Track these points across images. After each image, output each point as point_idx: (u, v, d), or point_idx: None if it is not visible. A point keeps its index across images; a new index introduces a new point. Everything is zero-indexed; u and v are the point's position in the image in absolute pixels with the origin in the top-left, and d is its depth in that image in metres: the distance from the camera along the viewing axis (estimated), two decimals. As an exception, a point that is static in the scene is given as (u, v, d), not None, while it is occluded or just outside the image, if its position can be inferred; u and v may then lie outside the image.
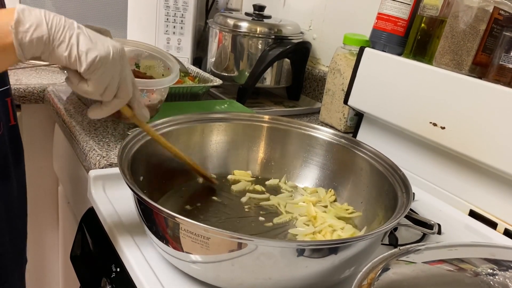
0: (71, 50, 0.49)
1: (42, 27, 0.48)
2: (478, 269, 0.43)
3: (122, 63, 0.53)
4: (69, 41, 0.49)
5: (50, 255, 1.33)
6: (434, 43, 0.85)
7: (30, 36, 0.47)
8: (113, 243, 0.62)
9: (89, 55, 0.49)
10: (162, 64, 0.89)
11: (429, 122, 0.80)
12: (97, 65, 0.50)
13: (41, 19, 0.48)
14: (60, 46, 0.48)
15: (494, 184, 0.74)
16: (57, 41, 0.48)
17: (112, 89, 0.53)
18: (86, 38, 0.50)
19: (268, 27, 1.17)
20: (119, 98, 0.55)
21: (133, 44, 0.88)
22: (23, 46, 0.47)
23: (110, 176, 0.72)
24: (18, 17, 0.47)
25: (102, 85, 0.52)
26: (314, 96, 1.29)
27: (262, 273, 0.49)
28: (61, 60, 0.49)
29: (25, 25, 0.47)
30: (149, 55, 0.87)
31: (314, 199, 0.71)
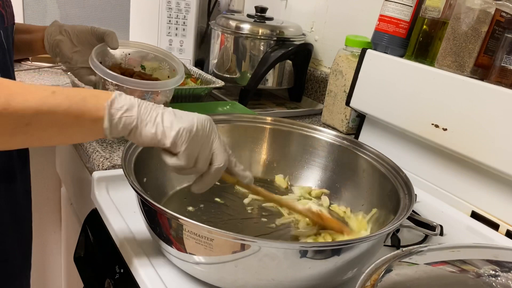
0: (157, 128, 0.51)
1: (133, 109, 0.51)
2: (481, 271, 0.43)
3: (210, 132, 0.54)
4: (155, 120, 0.52)
5: (53, 257, 1.33)
6: (436, 45, 0.85)
7: (120, 114, 0.50)
8: (116, 244, 0.62)
9: (173, 129, 0.51)
10: (168, 66, 0.89)
11: (431, 123, 0.80)
12: (183, 137, 0.52)
13: (134, 103, 0.51)
14: (147, 125, 0.51)
15: (496, 186, 0.75)
16: (144, 121, 0.51)
17: (204, 159, 0.54)
18: (170, 115, 0.52)
19: (270, 28, 1.17)
20: (216, 166, 0.55)
21: (139, 45, 0.88)
22: (112, 122, 0.50)
23: (114, 178, 0.73)
24: (115, 97, 0.51)
25: (191, 157, 0.53)
26: (316, 97, 1.29)
27: (265, 274, 0.49)
28: (150, 138, 0.52)
29: (119, 104, 0.51)
30: (155, 56, 0.88)
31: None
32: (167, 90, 0.82)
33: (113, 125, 0.50)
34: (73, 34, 0.82)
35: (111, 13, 1.39)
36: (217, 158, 0.55)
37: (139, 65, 0.89)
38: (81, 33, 0.83)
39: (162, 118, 0.52)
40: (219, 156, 0.55)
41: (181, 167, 0.53)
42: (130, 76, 0.85)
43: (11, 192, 0.76)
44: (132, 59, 0.89)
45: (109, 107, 0.50)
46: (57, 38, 0.82)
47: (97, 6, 1.37)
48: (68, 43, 0.82)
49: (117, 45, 0.83)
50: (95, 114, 0.50)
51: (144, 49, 0.88)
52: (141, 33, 1.33)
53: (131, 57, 0.89)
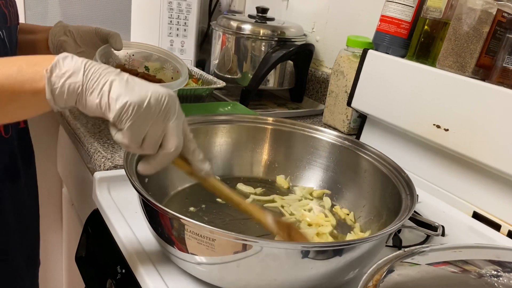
0: (101, 98, 0.45)
1: (78, 74, 0.45)
2: (482, 271, 0.43)
3: (166, 111, 0.48)
4: (101, 89, 0.45)
5: (54, 257, 1.33)
6: (437, 45, 0.85)
7: (62, 81, 0.44)
8: (118, 244, 0.62)
9: (118, 102, 0.45)
10: (171, 67, 0.89)
11: (432, 124, 0.80)
12: (128, 112, 0.45)
13: (79, 66, 0.45)
14: (92, 94, 0.45)
15: (498, 186, 0.75)
16: (90, 89, 0.45)
17: (152, 141, 0.48)
18: (120, 85, 0.46)
19: (271, 29, 1.18)
20: (165, 150, 0.49)
21: (142, 46, 0.88)
22: (54, 92, 0.44)
23: (115, 178, 0.73)
24: (56, 62, 0.45)
25: (137, 135, 0.47)
26: (317, 98, 1.29)
27: (267, 275, 0.49)
28: (94, 109, 0.46)
29: (61, 70, 0.45)
30: (158, 57, 0.88)
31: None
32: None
33: (56, 95, 0.44)
34: (77, 35, 0.82)
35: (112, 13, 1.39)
36: (168, 142, 0.49)
37: (142, 66, 0.89)
38: (85, 34, 0.83)
39: (110, 87, 0.45)
40: (170, 140, 0.49)
41: (124, 145, 0.48)
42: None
43: (15, 193, 0.76)
44: (135, 60, 0.89)
45: (49, 74, 0.44)
46: (61, 39, 0.82)
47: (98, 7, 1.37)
48: (72, 43, 0.82)
49: (121, 46, 0.83)
50: (34, 85, 0.44)
51: (147, 50, 0.88)
52: (142, 33, 1.33)
53: (135, 58, 0.89)
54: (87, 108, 0.46)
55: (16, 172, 0.76)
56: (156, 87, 0.48)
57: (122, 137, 0.47)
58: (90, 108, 0.46)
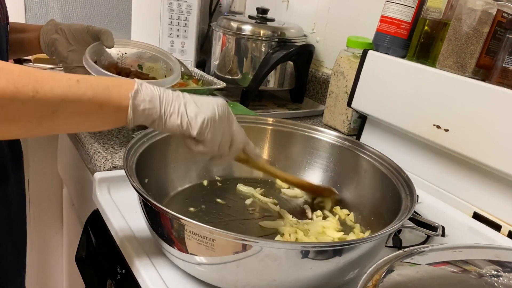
0: (182, 119, 0.53)
1: (156, 101, 0.52)
2: (483, 271, 0.43)
3: (229, 116, 0.57)
4: (178, 111, 0.53)
5: (54, 257, 1.33)
6: (437, 45, 0.85)
7: (143, 105, 0.52)
8: (118, 244, 0.62)
9: (198, 119, 0.53)
10: (165, 66, 0.89)
11: (432, 124, 0.80)
12: (207, 126, 0.54)
13: (155, 94, 0.53)
14: (172, 117, 0.53)
15: (498, 186, 0.75)
16: (168, 113, 0.53)
17: (226, 144, 0.57)
18: (192, 105, 0.54)
19: (271, 30, 1.18)
20: (234, 147, 0.59)
21: (135, 44, 0.88)
22: (135, 112, 0.51)
23: (115, 179, 0.73)
24: (138, 88, 0.52)
25: (215, 143, 0.56)
26: (317, 98, 1.29)
27: (267, 275, 0.49)
28: (176, 129, 0.53)
29: (142, 96, 0.52)
30: (152, 56, 0.87)
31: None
32: None
33: (136, 116, 0.52)
34: (69, 33, 0.82)
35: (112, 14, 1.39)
36: (237, 139, 0.58)
37: (136, 65, 0.88)
38: (76, 32, 0.82)
39: (186, 109, 0.53)
40: (238, 137, 0.59)
41: (206, 153, 0.56)
42: (127, 75, 0.84)
43: (3, 195, 0.75)
44: (129, 58, 0.89)
45: (133, 98, 0.51)
46: (53, 37, 0.81)
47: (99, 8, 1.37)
48: (64, 42, 0.81)
49: (113, 43, 0.83)
50: (119, 104, 0.51)
51: (140, 47, 0.87)
52: (142, 34, 1.33)
53: (128, 56, 0.89)
54: (166, 128, 0.53)
55: (6, 175, 0.75)
56: (215, 99, 0.56)
57: (205, 147, 0.55)
58: (170, 128, 0.53)
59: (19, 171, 0.81)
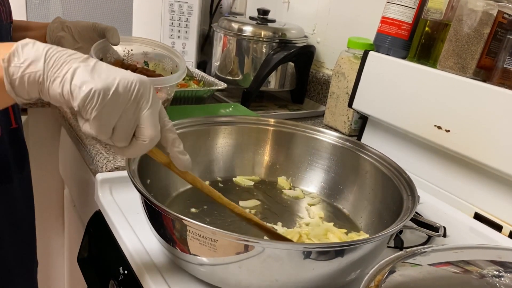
0: (63, 86, 0.42)
1: (38, 62, 0.42)
2: (484, 271, 0.43)
3: (138, 99, 0.44)
4: (63, 76, 0.42)
5: (56, 258, 1.33)
6: (438, 46, 0.86)
7: (21, 71, 0.41)
8: (120, 245, 0.62)
9: (82, 89, 0.41)
10: (171, 62, 0.88)
11: (433, 125, 0.80)
12: (93, 101, 0.41)
13: (40, 54, 0.42)
14: (54, 83, 0.42)
15: (499, 187, 0.75)
16: (51, 77, 0.42)
17: (124, 131, 0.45)
18: (85, 71, 0.42)
19: (272, 31, 1.18)
20: (139, 141, 0.46)
21: (141, 41, 0.87)
22: (13, 84, 0.41)
23: (117, 179, 0.73)
24: (15, 51, 0.42)
25: (105, 125, 0.43)
26: (318, 99, 1.29)
27: (269, 276, 0.49)
28: (57, 99, 0.42)
29: (20, 59, 0.41)
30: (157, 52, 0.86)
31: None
32: (167, 86, 0.79)
33: (16, 86, 0.41)
34: (75, 30, 0.81)
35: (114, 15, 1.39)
36: (143, 132, 0.45)
37: (142, 61, 0.88)
38: (83, 29, 0.82)
39: (73, 75, 0.42)
40: (145, 130, 0.45)
41: (92, 136, 0.44)
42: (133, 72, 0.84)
43: (7, 195, 0.75)
44: (135, 55, 0.88)
45: (7, 64, 0.41)
46: (59, 35, 0.81)
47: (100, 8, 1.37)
48: (70, 39, 0.81)
49: (118, 41, 0.82)
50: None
51: (146, 44, 0.87)
52: (143, 35, 1.32)
53: (134, 53, 0.88)
54: (50, 98, 0.43)
55: (8, 175, 0.74)
56: (126, 73, 0.44)
57: (89, 128, 0.43)
58: (53, 97, 0.42)
59: (24, 170, 0.81)
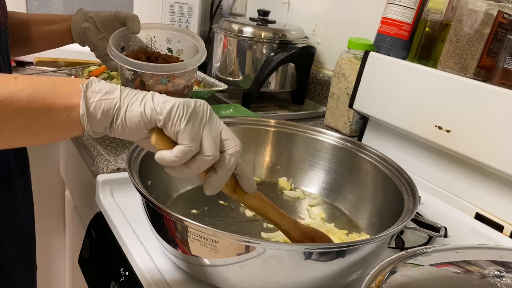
0: (145, 105, 0.43)
1: (115, 92, 0.43)
2: (485, 271, 0.43)
3: (212, 116, 0.45)
4: (142, 99, 0.43)
5: (57, 260, 1.33)
6: (439, 47, 0.86)
7: (98, 97, 0.42)
8: (121, 247, 0.63)
9: (167, 104, 0.43)
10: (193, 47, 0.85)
11: (434, 125, 0.80)
12: (180, 111, 0.43)
13: (115, 86, 0.44)
14: (133, 105, 0.43)
15: (500, 187, 0.75)
16: (130, 101, 0.43)
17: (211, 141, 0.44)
18: (161, 95, 0.44)
19: (272, 32, 1.18)
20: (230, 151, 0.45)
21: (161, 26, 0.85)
22: (88, 108, 0.42)
23: (118, 181, 0.73)
24: (92, 80, 0.43)
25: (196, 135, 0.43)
26: (318, 100, 1.29)
27: (270, 276, 0.49)
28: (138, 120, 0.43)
29: (97, 86, 0.43)
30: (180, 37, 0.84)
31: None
32: (185, 72, 0.76)
33: (90, 112, 0.42)
34: (98, 21, 0.81)
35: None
36: (230, 143, 0.45)
37: (165, 48, 0.86)
38: (105, 19, 0.82)
39: (152, 98, 0.44)
40: (231, 141, 0.45)
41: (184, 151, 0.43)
42: (156, 59, 0.82)
43: (10, 200, 0.75)
44: (158, 42, 0.86)
45: (85, 89, 0.42)
46: (83, 26, 0.80)
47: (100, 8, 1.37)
48: (94, 30, 0.81)
49: (139, 29, 0.81)
50: (68, 100, 0.41)
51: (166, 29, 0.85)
52: (144, 37, 1.33)
53: (157, 40, 0.86)
54: (127, 122, 0.43)
55: (11, 179, 0.75)
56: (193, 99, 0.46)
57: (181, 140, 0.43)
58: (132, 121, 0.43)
59: (25, 175, 0.81)
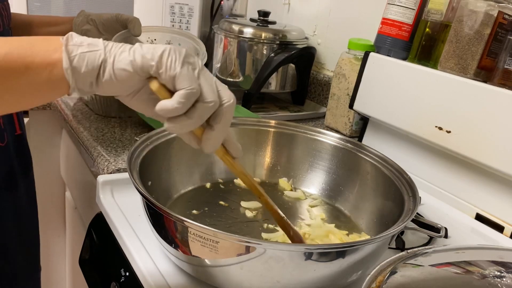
0: (135, 53, 0.41)
1: (98, 45, 0.41)
2: (486, 272, 0.43)
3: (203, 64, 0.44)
4: (130, 48, 0.41)
5: (57, 261, 1.33)
6: (439, 47, 0.86)
7: (81, 50, 0.40)
8: (122, 247, 0.63)
9: (157, 48, 0.41)
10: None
11: (434, 126, 0.81)
12: (172, 55, 0.41)
13: (97, 40, 0.41)
14: (122, 54, 0.41)
15: (501, 188, 0.75)
16: (116, 52, 0.41)
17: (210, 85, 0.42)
18: (151, 44, 0.42)
19: (273, 32, 1.18)
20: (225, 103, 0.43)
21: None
22: (72, 61, 0.39)
23: (118, 181, 0.73)
24: (71, 34, 0.41)
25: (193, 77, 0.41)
26: (319, 100, 1.29)
27: (270, 277, 0.49)
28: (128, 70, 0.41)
29: (78, 40, 0.41)
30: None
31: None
32: None
33: (74, 65, 0.39)
34: (99, 23, 0.81)
35: (114, 18, 1.39)
36: (224, 94, 0.44)
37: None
38: (107, 21, 0.82)
39: (141, 46, 0.42)
40: (224, 92, 0.44)
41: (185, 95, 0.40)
42: None
43: (14, 201, 0.75)
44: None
45: (66, 43, 0.40)
46: (85, 28, 0.81)
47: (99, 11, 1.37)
48: (95, 32, 0.81)
49: (140, 31, 0.81)
50: (48, 57, 0.39)
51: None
52: (144, 37, 1.33)
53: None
54: (115, 73, 0.40)
55: (15, 181, 0.75)
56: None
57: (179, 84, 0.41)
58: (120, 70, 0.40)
59: (28, 176, 0.81)
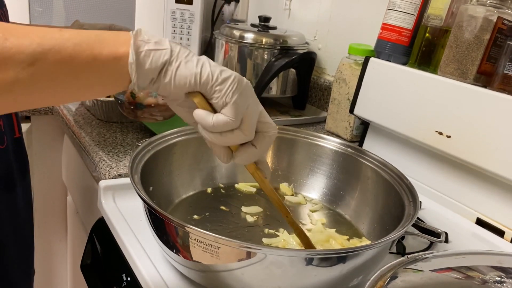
0: (203, 67, 0.42)
1: (164, 43, 0.42)
2: (486, 277, 0.43)
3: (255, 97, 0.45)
4: (199, 60, 0.42)
5: (58, 265, 1.33)
6: (439, 52, 0.86)
7: (148, 47, 0.41)
8: (123, 252, 0.63)
9: (223, 74, 0.42)
10: None
11: (434, 131, 0.81)
12: (234, 84, 0.42)
13: (163, 39, 0.42)
14: (187, 64, 0.42)
15: (501, 192, 0.75)
16: (182, 59, 0.42)
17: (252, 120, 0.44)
18: (216, 64, 0.44)
19: (273, 38, 1.18)
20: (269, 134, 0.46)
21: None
22: (138, 56, 0.40)
23: (120, 186, 0.73)
24: (139, 29, 0.42)
25: (240, 112, 0.43)
26: (319, 105, 1.29)
27: (271, 282, 0.49)
28: (188, 80, 0.42)
29: (146, 36, 0.41)
30: None
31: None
32: None
33: (139, 61, 0.41)
34: None
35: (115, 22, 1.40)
36: (270, 126, 0.46)
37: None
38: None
39: (209, 63, 0.43)
40: (271, 124, 0.46)
41: (225, 123, 0.43)
42: None
43: (11, 203, 0.75)
44: None
45: (135, 37, 0.41)
46: None
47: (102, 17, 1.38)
48: None
49: None
50: (116, 50, 0.40)
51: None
52: (146, 43, 1.34)
53: None
54: (176, 79, 0.42)
55: (12, 183, 0.76)
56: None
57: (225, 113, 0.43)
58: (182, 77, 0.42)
59: (25, 178, 0.81)
